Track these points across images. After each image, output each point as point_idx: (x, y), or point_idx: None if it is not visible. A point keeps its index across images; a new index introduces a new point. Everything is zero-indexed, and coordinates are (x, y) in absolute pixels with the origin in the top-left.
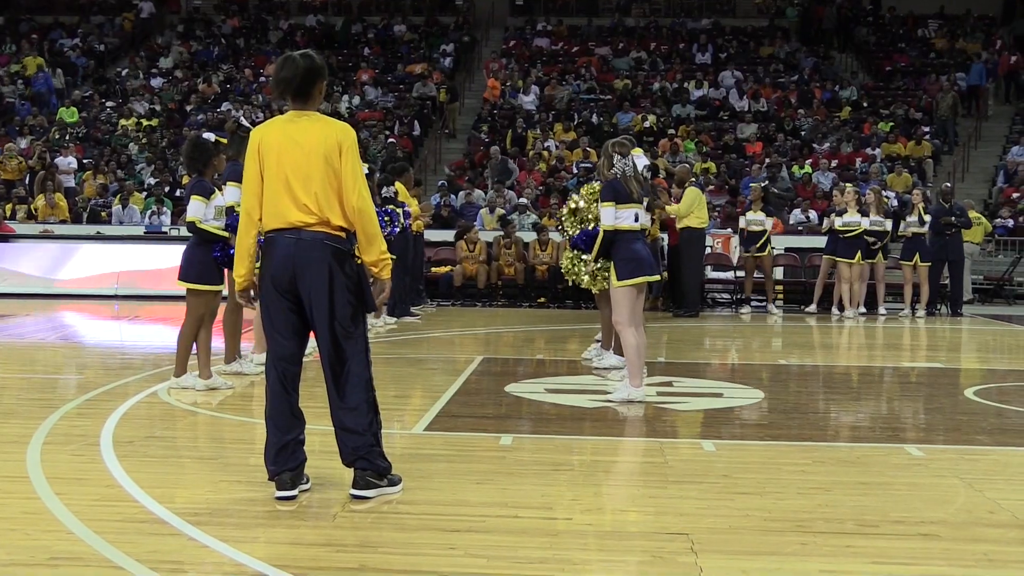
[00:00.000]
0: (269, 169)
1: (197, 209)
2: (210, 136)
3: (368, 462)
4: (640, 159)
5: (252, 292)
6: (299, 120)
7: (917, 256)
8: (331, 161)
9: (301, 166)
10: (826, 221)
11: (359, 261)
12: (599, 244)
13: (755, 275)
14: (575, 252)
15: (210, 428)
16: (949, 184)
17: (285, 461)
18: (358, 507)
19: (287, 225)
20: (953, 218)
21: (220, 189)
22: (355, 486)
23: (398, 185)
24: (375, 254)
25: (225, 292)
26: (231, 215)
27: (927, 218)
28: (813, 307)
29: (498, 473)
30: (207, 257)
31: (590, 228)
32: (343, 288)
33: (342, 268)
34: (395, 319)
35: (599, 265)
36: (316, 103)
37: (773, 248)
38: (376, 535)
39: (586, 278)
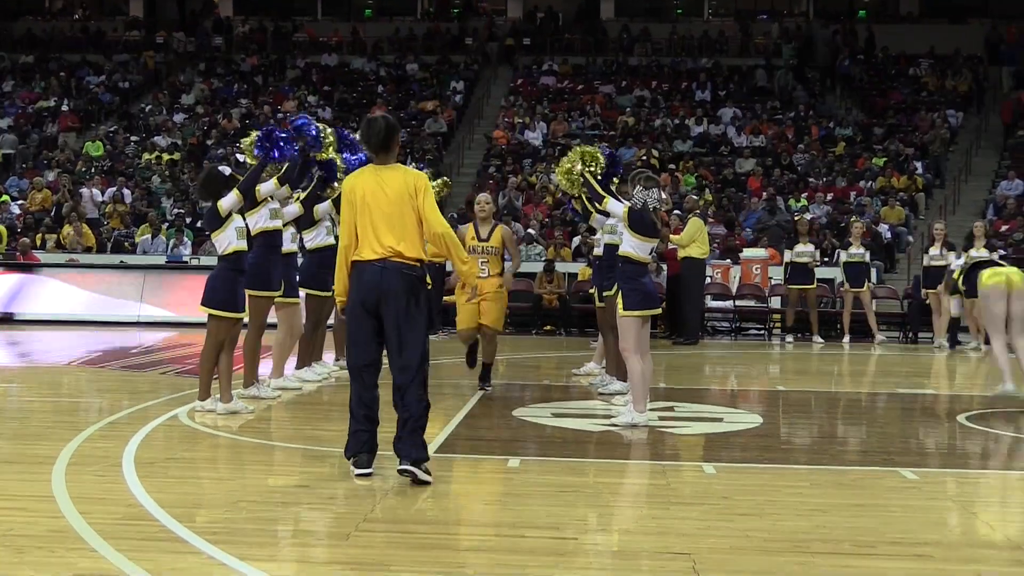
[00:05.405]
0: (362, 209)
1: (232, 202)
2: (225, 169)
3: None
4: (662, 193)
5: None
6: (384, 171)
7: (941, 285)
8: (412, 202)
9: (389, 208)
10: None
11: (430, 287)
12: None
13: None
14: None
15: (229, 450)
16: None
17: (361, 445)
18: (372, 526)
19: (375, 256)
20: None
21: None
22: (404, 462)
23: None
24: (459, 264)
25: (246, 319)
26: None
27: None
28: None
29: (506, 494)
30: (231, 285)
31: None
32: (418, 307)
33: (419, 292)
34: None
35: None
36: (395, 154)
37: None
38: (389, 553)
39: (563, 179)
